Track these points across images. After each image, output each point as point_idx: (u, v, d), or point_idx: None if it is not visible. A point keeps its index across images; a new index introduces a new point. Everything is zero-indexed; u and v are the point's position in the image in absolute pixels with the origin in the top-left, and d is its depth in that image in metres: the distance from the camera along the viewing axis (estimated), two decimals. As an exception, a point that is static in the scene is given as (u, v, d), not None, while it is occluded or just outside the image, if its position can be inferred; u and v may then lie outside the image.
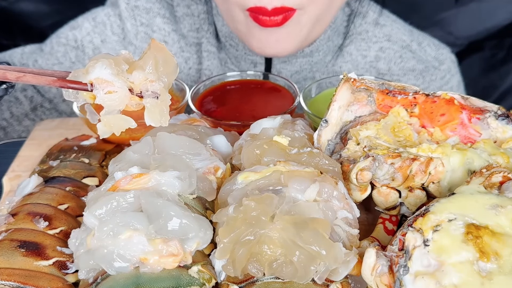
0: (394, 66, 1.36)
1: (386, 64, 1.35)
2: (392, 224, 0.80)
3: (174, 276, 0.64)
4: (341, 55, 1.34)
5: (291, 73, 1.32)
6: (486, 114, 0.83)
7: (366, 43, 1.34)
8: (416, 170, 0.75)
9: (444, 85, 1.40)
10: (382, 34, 1.35)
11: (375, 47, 1.35)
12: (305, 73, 1.33)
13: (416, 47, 1.38)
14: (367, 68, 1.35)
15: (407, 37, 1.37)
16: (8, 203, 0.85)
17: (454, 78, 1.43)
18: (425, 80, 1.37)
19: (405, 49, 1.36)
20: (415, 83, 1.37)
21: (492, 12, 1.85)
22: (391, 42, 1.35)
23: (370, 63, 1.35)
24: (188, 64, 1.36)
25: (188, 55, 1.35)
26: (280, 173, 0.72)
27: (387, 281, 0.62)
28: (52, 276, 0.68)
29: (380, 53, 1.35)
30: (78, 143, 1.02)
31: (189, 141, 0.81)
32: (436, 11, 1.84)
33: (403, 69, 1.36)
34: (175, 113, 1.03)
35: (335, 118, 0.84)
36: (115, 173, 0.74)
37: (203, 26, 1.33)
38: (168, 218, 0.66)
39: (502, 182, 0.69)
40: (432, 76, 1.38)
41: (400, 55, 1.36)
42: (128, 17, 1.32)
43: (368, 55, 1.35)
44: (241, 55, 1.30)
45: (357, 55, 1.34)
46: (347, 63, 1.34)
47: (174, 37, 1.34)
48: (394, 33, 1.36)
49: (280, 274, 0.63)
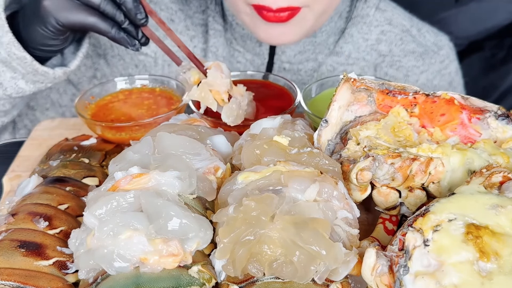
0: (395, 48, 1.38)
1: (387, 46, 1.38)
2: (392, 224, 0.80)
3: (174, 276, 0.64)
4: (343, 37, 1.36)
5: (294, 53, 1.34)
6: (486, 114, 0.82)
7: (368, 27, 1.37)
8: (416, 170, 0.75)
9: (443, 69, 1.42)
10: (383, 18, 1.38)
11: (376, 30, 1.37)
12: (308, 54, 1.35)
13: (415, 32, 1.40)
14: (368, 51, 1.37)
15: (407, 22, 1.40)
16: (8, 203, 0.85)
17: (452, 64, 1.45)
18: (425, 62, 1.39)
19: (405, 32, 1.39)
20: (415, 64, 1.39)
21: (492, 12, 1.86)
22: (392, 25, 1.38)
23: (372, 45, 1.37)
24: (193, 42, 1.37)
25: (193, 34, 1.37)
26: (280, 173, 0.72)
27: (387, 281, 0.62)
28: (52, 276, 0.68)
29: (381, 36, 1.38)
30: (78, 143, 1.02)
31: (189, 141, 0.81)
32: (436, 11, 1.84)
33: (403, 50, 1.38)
34: (175, 113, 1.03)
35: (335, 118, 0.84)
36: (115, 173, 0.74)
37: (210, 6, 1.36)
38: (168, 218, 0.66)
39: (502, 182, 0.69)
40: (431, 59, 1.40)
41: (400, 37, 1.38)
42: None
43: (369, 38, 1.37)
44: (247, 34, 1.32)
45: (358, 37, 1.36)
46: (348, 44, 1.36)
47: (181, 16, 1.36)
48: (394, 18, 1.39)
49: (280, 274, 0.63)
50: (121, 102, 1.11)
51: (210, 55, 1.37)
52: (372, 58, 1.38)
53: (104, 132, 1.02)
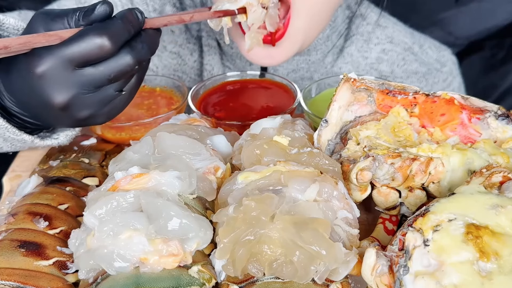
0: (397, 69, 1.35)
1: (389, 67, 1.34)
2: (392, 224, 0.80)
3: (174, 276, 0.64)
4: (342, 56, 1.33)
5: (287, 72, 1.30)
6: (486, 114, 0.83)
7: (367, 44, 1.33)
8: (416, 170, 0.75)
9: (446, 88, 1.40)
10: (384, 36, 1.34)
11: (376, 48, 1.33)
12: (302, 72, 1.31)
13: (417, 49, 1.37)
14: (367, 70, 1.34)
15: (408, 40, 1.36)
16: (8, 203, 0.85)
17: (455, 80, 1.43)
18: (428, 83, 1.37)
19: (407, 51, 1.35)
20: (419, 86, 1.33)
21: (492, 12, 1.85)
22: (393, 44, 1.34)
23: (371, 64, 1.34)
24: (194, 57, 1.35)
25: (193, 47, 1.35)
26: (280, 173, 0.72)
27: (387, 281, 0.62)
28: (52, 276, 0.68)
29: (383, 55, 1.34)
30: (78, 143, 1.02)
31: (189, 141, 0.81)
32: (436, 11, 1.84)
33: (406, 71, 1.35)
34: (175, 113, 1.03)
35: (335, 118, 0.84)
36: (115, 173, 0.74)
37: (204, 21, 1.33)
38: (168, 218, 0.66)
39: (502, 182, 0.69)
40: (434, 79, 1.37)
41: (403, 57, 1.35)
42: (140, 1, 1.32)
43: (369, 56, 1.33)
44: (236, 53, 1.29)
45: (358, 56, 1.33)
46: (347, 64, 1.33)
47: (181, 27, 1.34)
48: (396, 35, 1.35)
49: (280, 274, 0.63)
50: (121, 102, 1.11)
51: (205, 73, 1.34)
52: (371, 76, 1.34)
53: (104, 132, 1.02)
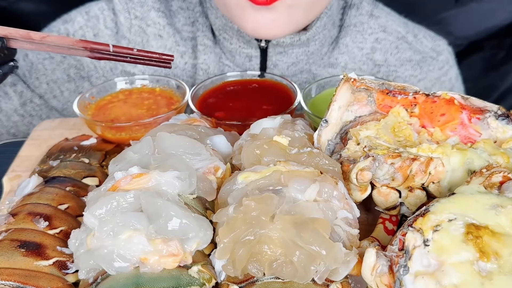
0: (391, 57, 1.34)
1: (383, 55, 1.34)
2: (392, 224, 0.80)
3: (174, 276, 0.64)
4: (337, 47, 1.32)
5: (287, 65, 1.30)
6: (486, 114, 0.83)
7: (362, 35, 1.33)
8: (416, 170, 0.75)
9: (443, 76, 1.39)
10: (377, 25, 1.34)
11: (370, 38, 1.33)
12: (302, 65, 1.31)
13: (412, 38, 1.36)
14: (364, 61, 1.33)
15: (402, 29, 1.36)
16: (8, 203, 0.85)
17: (452, 69, 1.41)
18: (422, 71, 1.35)
19: (401, 40, 1.35)
20: (413, 73, 1.35)
21: (492, 12, 1.85)
22: (386, 33, 1.34)
23: (367, 55, 1.33)
24: (184, 59, 1.33)
25: (183, 49, 1.33)
26: (280, 173, 0.72)
27: (387, 281, 0.62)
28: (52, 276, 0.68)
29: (376, 44, 1.33)
30: (78, 143, 1.02)
31: (189, 141, 0.81)
32: (436, 11, 1.83)
33: (399, 59, 1.34)
34: (175, 113, 1.03)
35: (335, 118, 0.84)
36: (115, 173, 0.74)
37: (199, 19, 1.32)
38: (168, 218, 0.66)
39: (502, 182, 0.69)
40: (429, 67, 1.36)
41: (396, 45, 1.34)
42: (122, 10, 1.31)
43: (364, 47, 1.33)
44: (236, 49, 1.28)
45: (353, 47, 1.33)
46: (343, 54, 1.32)
47: (169, 31, 1.32)
48: (389, 25, 1.35)
49: (280, 274, 0.63)
50: (121, 102, 1.11)
51: (201, 72, 1.33)
52: (368, 68, 1.34)
53: (104, 132, 1.02)
